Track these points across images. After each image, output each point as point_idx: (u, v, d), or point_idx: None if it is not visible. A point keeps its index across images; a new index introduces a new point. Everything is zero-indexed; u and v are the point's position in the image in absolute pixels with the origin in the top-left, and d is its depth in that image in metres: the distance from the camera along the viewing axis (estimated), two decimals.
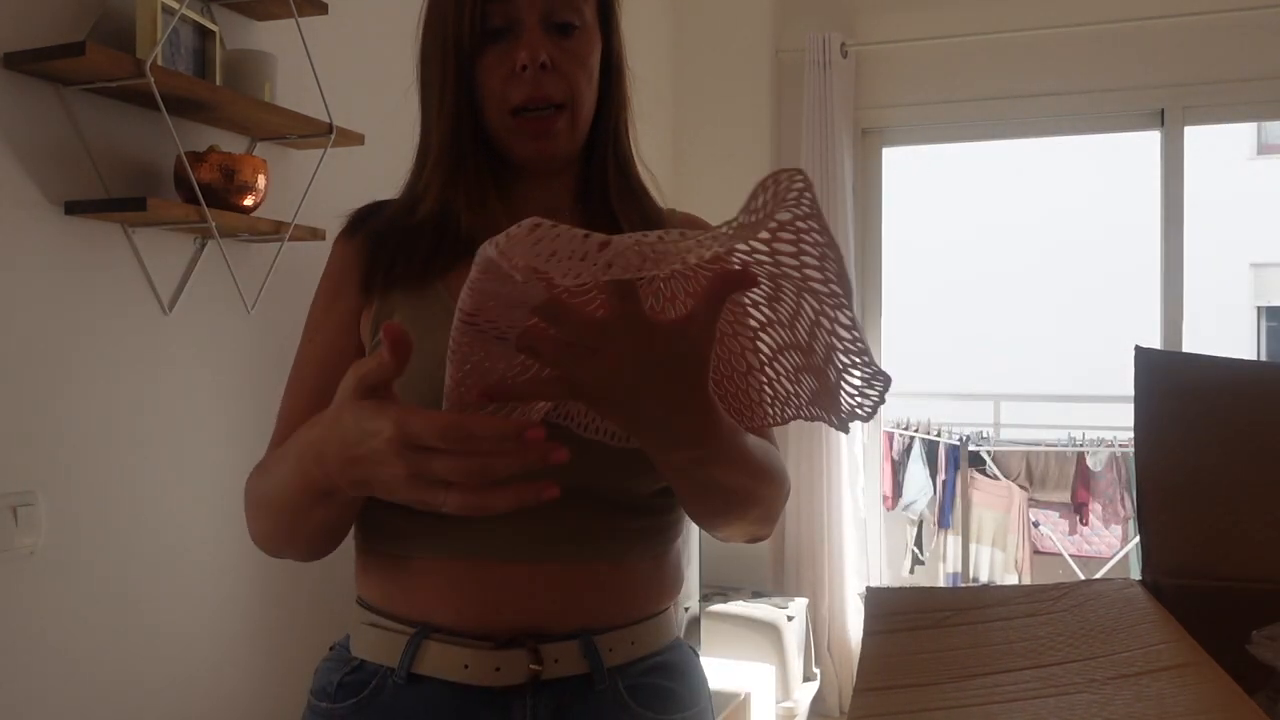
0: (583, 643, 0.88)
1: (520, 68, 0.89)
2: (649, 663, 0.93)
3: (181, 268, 1.74)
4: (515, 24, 0.89)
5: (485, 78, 0.90)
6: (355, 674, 0.91)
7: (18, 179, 1.46)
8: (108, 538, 1.60)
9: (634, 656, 0.92)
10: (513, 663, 0.86)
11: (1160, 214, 3.43)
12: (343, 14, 1.96)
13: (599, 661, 0.89)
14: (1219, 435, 0.92)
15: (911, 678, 0.65)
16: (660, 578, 0.95)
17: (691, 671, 0.98)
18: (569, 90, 0.91)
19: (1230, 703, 0.55)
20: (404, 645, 0.88)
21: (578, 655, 0.88)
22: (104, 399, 1.60)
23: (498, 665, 0.86)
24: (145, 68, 1.47)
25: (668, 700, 0.93)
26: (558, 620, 0.88)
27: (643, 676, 0.92)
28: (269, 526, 0.88)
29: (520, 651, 0.86)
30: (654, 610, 0.95)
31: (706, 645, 2.93)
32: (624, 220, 0.96)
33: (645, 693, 0.91)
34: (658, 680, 0.93)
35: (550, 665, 0.87)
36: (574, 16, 0.91)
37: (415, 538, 0.89)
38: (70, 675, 1.54)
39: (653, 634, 0.94)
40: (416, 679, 0.88)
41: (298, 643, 1.95)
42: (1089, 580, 0.91)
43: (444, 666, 0.87)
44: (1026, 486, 4.86)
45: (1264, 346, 10.64)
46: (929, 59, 3.55)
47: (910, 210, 8.27)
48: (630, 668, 0.91)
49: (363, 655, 0.91)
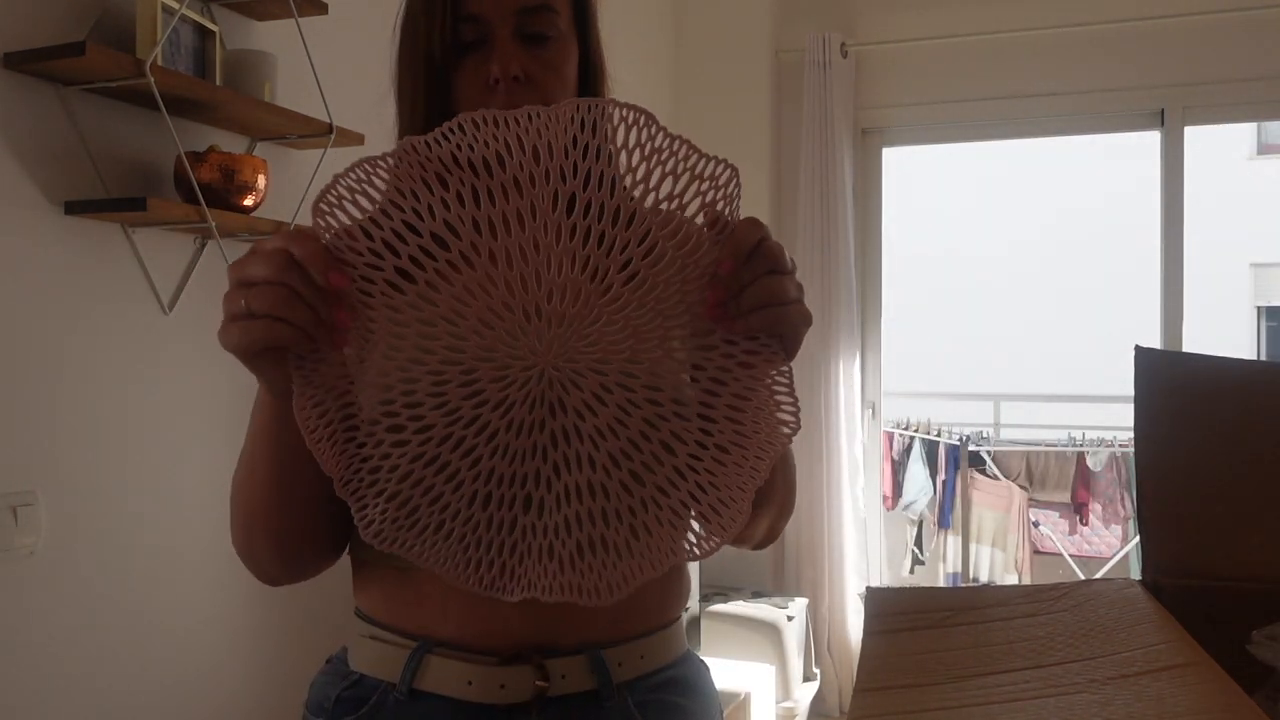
0: (590, 657, 0.86)
1: (493, 81, 0.86)
2: (659, 677, 0.90)
3: (181, 268, 1.74)
4: (487, 36, 0.87)
5: (461, 89, 0.88)
6: (354, 689, 0.88)
7: (18, 179, 1.46)
8: (107, 538, 1.60)
9: (643, 671, 0.89)
10: (518, 679, 0.84)
11: (1160, 214, 3.43)
12: (343, 14, 1.96)
13: (607, 677, 0.86)
14: (1219, 435, 0.92)
15: (911, 678, 0.65)
16: (665, 585, 0.93)
17: (703, 686, 0.96)
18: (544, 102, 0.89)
19: (1230, 703, 0.55)
20: (405, 660, 0.86)
21: (585, 670, 0.86)
22: (104, 399, 1.60)
23: (502, 682, 0.84)
24: (145, 68, 1.47)
25: (678, 718, 0.91)
26: (563, 633, 0.86)
27: (653, 692, 0.89)
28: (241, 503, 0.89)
29: (526, 668, 0.84)
30: (662, 621, 0.92)
31: (706, 645, 2.93)
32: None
33: (656, 709, 0.89)
34: (669, 696, 0.90)
35: (557, 681, 0.85)
36: (547, 26, 0.88)
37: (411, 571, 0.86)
38: (69, 675, 1.54)
39: (662, 646, 0.92)
40: (418, 695, 0.85)
41: (297, 645, 1.95)
42: (1089, 580, 0.91)
43: (447, 683, 0.85)
44: (1026, 486, 4.86)
45: (1264, 346, 10.63)
46: (929, 59, 3.55)
47: (910, 210, 8.27)
48: (639, 683, 0.89)
49: (362, 669, 0.89)
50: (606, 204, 0.71)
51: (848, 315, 3.50)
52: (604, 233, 0.72)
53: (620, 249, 0.72)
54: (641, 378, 0.74)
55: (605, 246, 0.72)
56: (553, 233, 0.71)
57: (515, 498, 0.74)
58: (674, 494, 0.74)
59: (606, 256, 0.72)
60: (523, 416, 0.74)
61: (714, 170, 0.71)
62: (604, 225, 0.71)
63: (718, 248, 0.72)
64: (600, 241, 0.72)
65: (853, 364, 3.53)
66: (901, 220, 5.10)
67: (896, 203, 3.96)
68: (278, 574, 0.90)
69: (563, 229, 0.71)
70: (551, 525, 0.74)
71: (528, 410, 0.74)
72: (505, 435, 0.73)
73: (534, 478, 0.74)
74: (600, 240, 0.72)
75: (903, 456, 4.98)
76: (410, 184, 0.70)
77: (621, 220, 0.72)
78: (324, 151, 1.91)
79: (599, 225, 0.71)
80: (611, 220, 0.71)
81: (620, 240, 0.72)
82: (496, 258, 0.72)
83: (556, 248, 0.72)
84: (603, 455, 0.74)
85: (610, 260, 0.72)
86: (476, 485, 0.74)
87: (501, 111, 0.69)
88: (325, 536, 0.88)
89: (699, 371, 0.75)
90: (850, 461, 3.52)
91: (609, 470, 0.74)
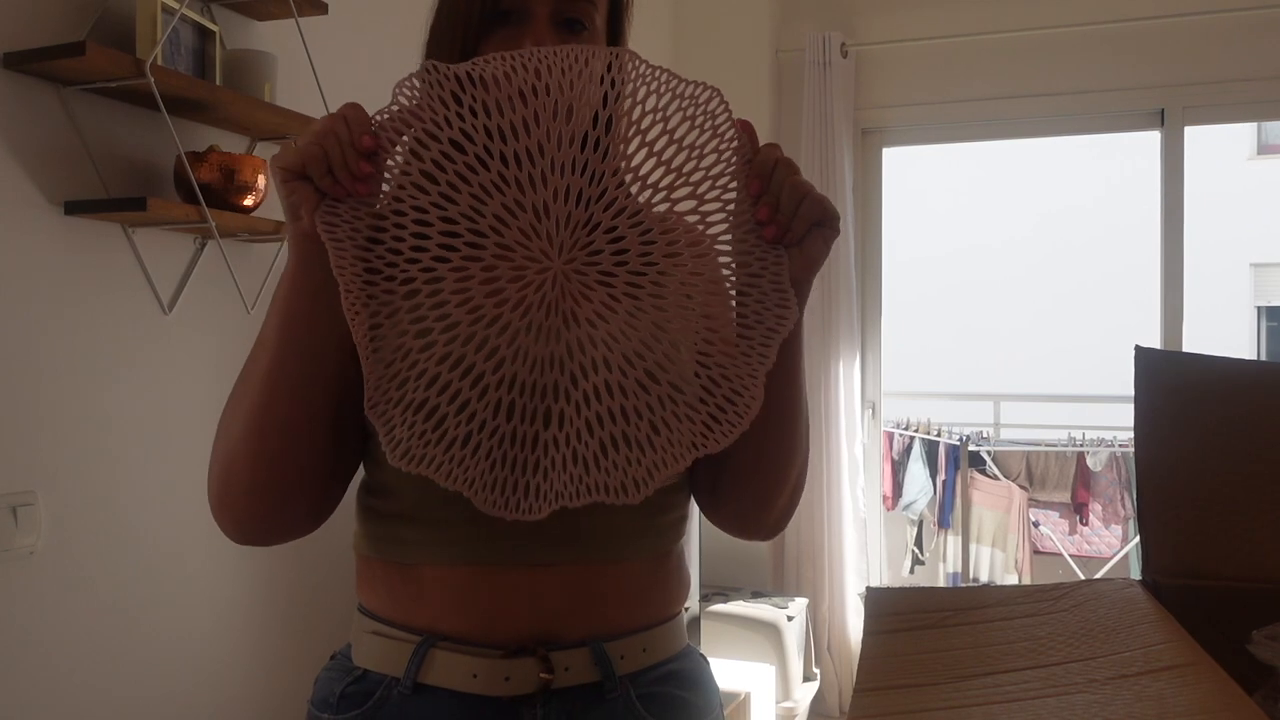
0: (594, 650, 0.87)
1: None
2: (661, 670, 0.91)
3: (181, 268, 1.74)
4: (525, 13, 0.88)
5: None
6: (358, 684, 0.89)
7: (18, 179, 1.46)
8: (108, 538, 1.60)
9: (646, 664, 0.90)
10: (523, 671, 0.85)
11: (1160, 214, 3.43)
12: (343, 14, 1.96)
13: (611, 669, 0.87)
14: (1219, 435, 0.92)
15: (911, 678, 0.65)
16: (666, 579, 0.94)
17: (704, 681, 0.97)
18: None
19: (1230, 703, 0.55)
20: (409, 654, 0.86)
21: (589, 663, 0.86)
22: (104, 399, 1.60)
23: (507, 674, 0.85)
24: (145, 68, 1.47)
25: (680, 711, 0.91)
26: (567, 626, 0.86)
27: (655, 685, 0.90)
28: (231, 427, 0.85)
29: (530, 660, 0.85)
30: (664, 615, 0.93)
31: (706, 645, 2.93)
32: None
33: (658, 702, 0.90)
34: (671, 689, 0.91)
35: (561, 674, 0.85)
36: (584, 16, 0.89)
37: (420, 545, 0.87)
38: (69, 675, 1.54)
39: (664, 640, 0.92)
40: (422, 689, 0.86)
41: (297, 644, 1.95)
42: (1089, 580, 0.91)
43: (451, 676, 0.85)
44: (1026, 486, 4.86)
45: (1264, 346, 10.63)
46: (929, 59, 3.55)
47: (910, 210, 8.27)
48: (642, 675, 0.89)
49: (366, 665, 0.89)
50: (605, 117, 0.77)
51: (848, 315, 3.50)
52: (599, 138, 0.77)
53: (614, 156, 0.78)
54: (646, 288, 0.78)
55: (600, 151, 0.78)
56: (555, 139, 0.77)
57: (536, 411, 0.77)
58: (688, 389, 0.78)
59: (602, 161, 0.78)
60: (540, 320, 0.77)
61: (694, 91, 0.79)
62: (598, 132, 0.77)
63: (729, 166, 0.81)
64: (597, 147, 0.78)
65: (853, 364, 3.53)
66: (902, 220, 5.10)
67: (897, 203, 3.96)
68: (248, 519, 0.85)
69: (563, 137, 0.77)
70: (574, 432, 0.77)
71: (544, 315, 0.77)
72: (525, 338, 0.77)
73: (553, 390, 0.77)
74: (597, 146, 0.78)
75: (903, 456, 4.98)
76: (437, 99, 0.78)
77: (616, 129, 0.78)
78: None
79: (594, 132, 0.77)
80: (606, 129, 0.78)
81: (613, 146, 0.78)
82: (508, 160, 0.77)
83: (559, 154, 0.77)
84: (617, 356, 0.77)
85: (606, 165, 0.78)
86: (500, 392, 0.76)
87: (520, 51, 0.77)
88: (311, 487, 0.85)
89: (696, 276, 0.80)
90: (850, 461, 3.52)
91: (624, 370, 0.77)
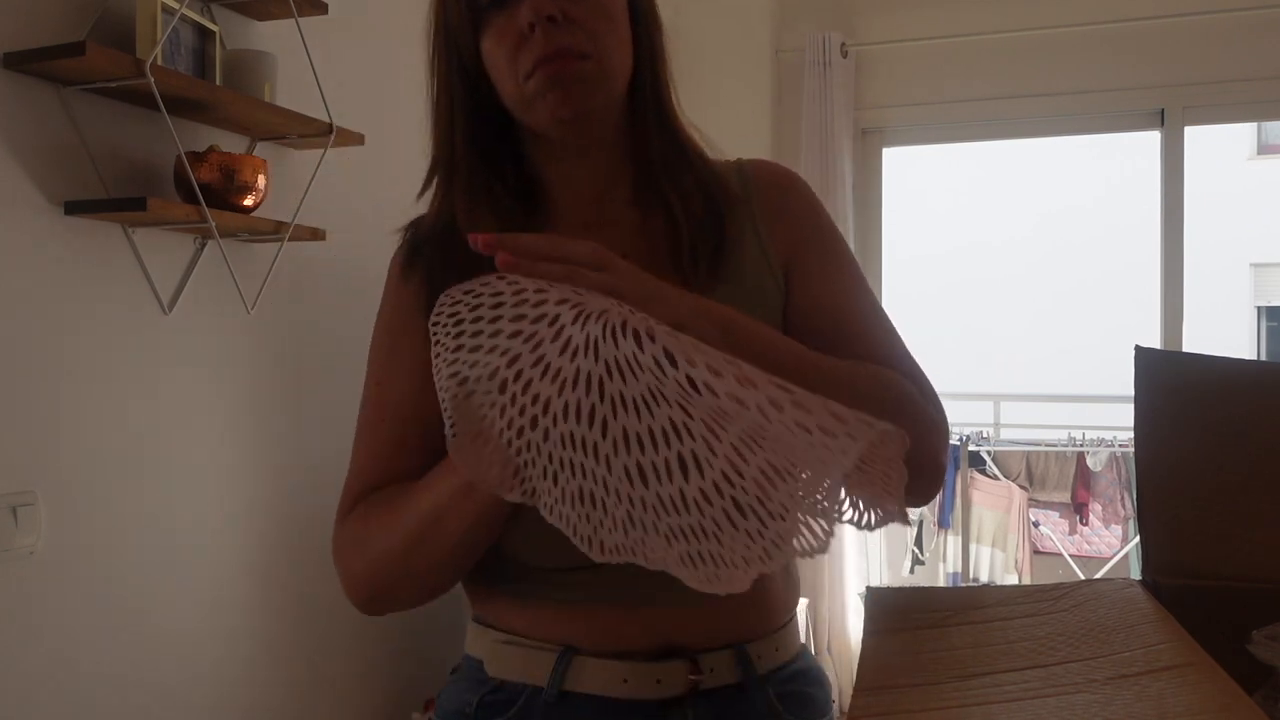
0: (736, 652, 0.88)
1: (527, 26, 0.79)
2: (791, 669, 0.93)
3: (181, 268, 1.74)
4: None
5: (493, 60, 0.83)
6: (497, 694, 0.88)
7: (18, 179, 1.46)
8: (107, 538, 1.60)
9: (779, 663, 0.92)
10: (672, 674, 0.85)
11: (1160, 214, 3.43)
12: (343, 14, 1.96)
13: (752, 670, 0.88)
14: (1219, 435, 0.92)
15: (911, 678, 0.65)
16: (787, 582, 0.96)
17: (824, 677, 0.99)
18: (588, 39, 0.81)
19: (1230, 703, 0.55)
20: (552, 663, 0.86)
21: (731, 664, 0.88)
22: (104, 399, 1.60)
23: (658, 677, 0.85)
24: (145, 68, 1.47)
25: (810, 706, 0.94)
26: (706, 632, 0.87)
27: (788, 683, 0.92)
28: (395, 546, 0.81)
29: (679, 663, 0.85)
30: (787, 618, 0.95)
31: None
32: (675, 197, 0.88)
33: (793, 700, 0.92)
34: (801, 687, 0.94)
35: (708, 675, 0.86)
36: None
37: (549, 588, 0.86)
38: (69, 675, 1.54)
39: (789, 640, 0.95)
40: (567, 696, 0.85)
41: (295, 645, 1.95)
42: (1089, 580, 0.91)
43: (599, 681, 0.85)
44: (1026, 486, 4.86)
45: (1264, 346, 10.63)
46: (929, 59, 3.55)
47: (910, 210, 8.26)
48: (776, 674, 0.91)
49: (503, 675, 0.88)
50: None
51: None
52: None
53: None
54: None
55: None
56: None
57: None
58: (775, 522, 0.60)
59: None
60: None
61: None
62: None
63: None
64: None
65: None
66: (902, 220, 5.09)
67: (897, 202, 3.96)
68: (387, 609, 0.87)
69: None
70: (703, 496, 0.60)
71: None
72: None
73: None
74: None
75: None
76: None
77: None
78: (324, 151, 1.91)
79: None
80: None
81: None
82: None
83: None
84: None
85: None
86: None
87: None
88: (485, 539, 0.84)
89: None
90: None
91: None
